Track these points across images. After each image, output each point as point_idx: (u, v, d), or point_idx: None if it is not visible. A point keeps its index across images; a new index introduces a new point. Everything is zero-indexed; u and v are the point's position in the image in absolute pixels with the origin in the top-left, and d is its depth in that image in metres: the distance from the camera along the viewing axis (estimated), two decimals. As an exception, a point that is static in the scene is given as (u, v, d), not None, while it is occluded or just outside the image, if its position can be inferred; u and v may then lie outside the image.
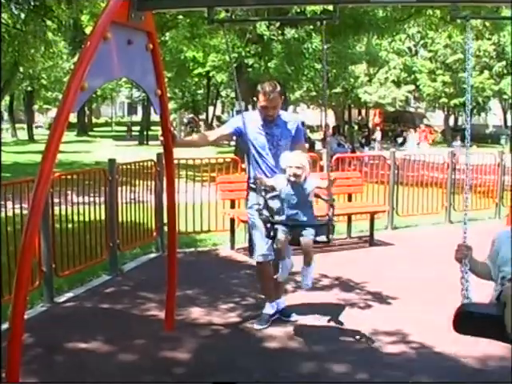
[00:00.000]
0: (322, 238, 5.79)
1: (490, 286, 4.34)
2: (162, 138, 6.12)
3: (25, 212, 6.61)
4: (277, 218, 6.00)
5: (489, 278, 4.23)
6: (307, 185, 5.79)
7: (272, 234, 5.84)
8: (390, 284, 8.28)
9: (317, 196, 6.11)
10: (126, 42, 5.07)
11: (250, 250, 7.02)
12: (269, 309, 6.82)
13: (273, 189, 5.98)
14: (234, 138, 6.88)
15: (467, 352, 5.93)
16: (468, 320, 4.07)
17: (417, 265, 9.46)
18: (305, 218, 5.80)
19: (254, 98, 6.84)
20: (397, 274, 8.93)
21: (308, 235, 5.71)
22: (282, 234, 5.75)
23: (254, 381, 5.49)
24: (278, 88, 6.49)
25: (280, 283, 6.82)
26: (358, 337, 6.49)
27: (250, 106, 20.94)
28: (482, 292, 4.33)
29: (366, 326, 6.75)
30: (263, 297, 7.05)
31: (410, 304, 7.57)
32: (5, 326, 6.00)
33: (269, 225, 5.87)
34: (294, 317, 6.93)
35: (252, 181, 6.51)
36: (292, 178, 5.74)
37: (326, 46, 7.01)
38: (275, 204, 6.04)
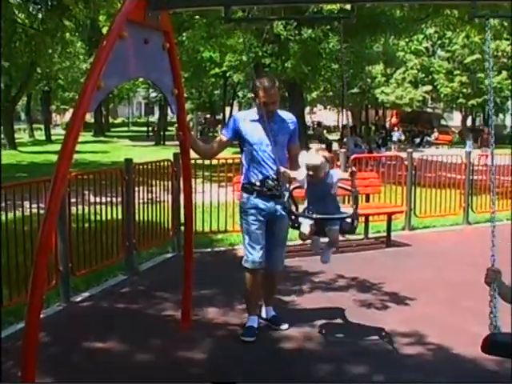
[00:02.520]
0: (347, 228, 5.79)
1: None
2: (180, 133, 6.07)
3: (42, 212, 6.61)
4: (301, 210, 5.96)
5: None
6: (329, 178, 5.71)
7: (296, 225, 5.81)
8: (406, 285, 8.24)
9: (341, 188, 6.02)
10: (142, 41, 5.05)
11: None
12: (252, 322, 6.57)
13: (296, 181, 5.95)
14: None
15: (485, 355, 5.86)
16: (496, 348, 3.79)
17: (434, 266, 9.40)
18: (329, 212, 5.73)
19: (252, 95, 6.68)
20: (414, 274, 8.88)
21: (333, 226, 5.70)
22: (306, 227, 5.72)
23: (263, 380, 5.47)
24: (277, 83, 6.37)
25: (271, 291, 6.81)
26: (374, 338, 6.46)
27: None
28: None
29: (383, 326, 6.71)
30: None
31: (428, 305, 7.52)
32: (21, 325, 6.01)
33: (293, 216, 5.84)
34: (285, 326, 6.69)
35: (246, 181, 6.41)
36: (309, 178, 5.67)
37: (343, 46, 6.95)
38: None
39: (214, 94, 59.36)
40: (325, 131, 51.14)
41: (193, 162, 6.83)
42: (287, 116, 6.58)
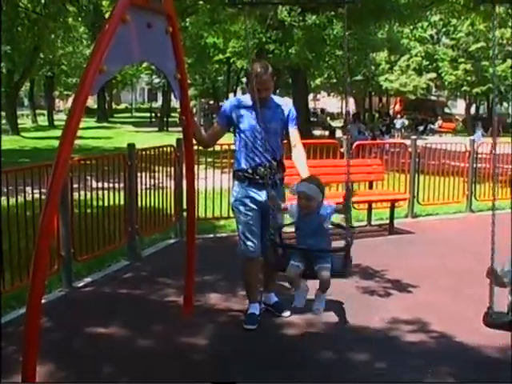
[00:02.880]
0: (339, 268, 5.51)
1: None
2: (183, 117, 6.02)
3: (44, 197, 6.60)
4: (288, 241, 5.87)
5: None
6: (323, 210, 5.51)
7: (283, 265, 5.55)
8: (409, 272, 8.22)
9: (334, 225, 5.89)
10: (145, 25, 5.01)
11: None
12: (253, 309, 6.51)
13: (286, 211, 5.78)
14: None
15: (488, 342, 5.86)
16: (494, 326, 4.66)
17: (437, 253, 9.38)
18: (320, 248, 5.52)
19: (244, 79, 6.59)
20: (416, 262, 8.86)
21: (324, 264, 5.42)
22: (293, 264, 5.45)
23: (270, 369, 5.46)
24: (270, 69, 6.23)
25: (273, 277, 6.70)
26: (377, 325, 6.44)
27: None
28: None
29: (386, 314, 6.70)
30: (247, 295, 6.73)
31: (430, 292, 7.50)
32: (23, 310, 6.00)
33: (280, 251, 5.65)
34: (287, 313, 6.59)
35: (238, 168, 6.29)
36: (301, 209, 5.51)
37: (347, 33, 6.87)
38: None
39: (217, 80, 59.23)
40: (328, 118, 51.03)
41: (196, 147, 6.78)
42: (282, 102, 6.45)
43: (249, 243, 6.25)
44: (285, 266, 5.51)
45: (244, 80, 59.29)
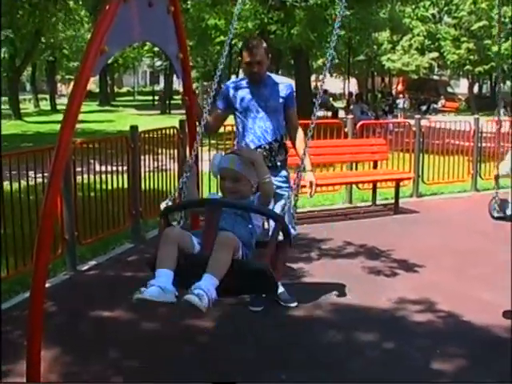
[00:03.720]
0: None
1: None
2: (186, 98, 5.94)
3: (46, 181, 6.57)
4: None
5: None
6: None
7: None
8: (415, 252, 8.18)
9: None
10: (146, 4, 4.93)
11: None
12: None
13: None
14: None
15: (495, 321, 5.83)
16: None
17: (442, 233, 9.36)
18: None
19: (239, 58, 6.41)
20: (422, 241, 8.82)
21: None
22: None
23: (275, 351, 5.44)
24: (264, 44, 6.02)
25: (278, 266, 6.52)
26: (384, 305, 6.41)
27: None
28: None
29: (393, 294, 6.67)
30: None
31: (437, 272, 7.47)
32: (28, 294, 5.97)
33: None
34: (294, 304, 6.40)
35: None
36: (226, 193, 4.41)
37: (349, 13, 6.77)
38: None
39: (219, 62, 59.07)
40: (331, 98, 50.86)
41: (198, 129, 6.71)
42: (281, 80, 6.25)
43: None
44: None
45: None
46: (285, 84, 6.18)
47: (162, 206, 4.56)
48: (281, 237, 4.21)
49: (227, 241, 3.79)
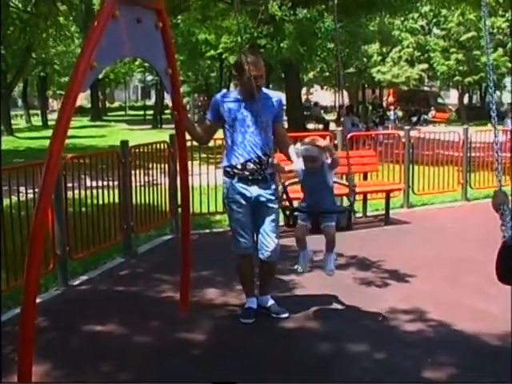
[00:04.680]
0: (343, 224, 5.89)
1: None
2: (175, 113, 5.97)
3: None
4: (296, 204, 6.01)
5: None
6: (325, 170, 5.78)
7: (291, 222, 5.93)
8: (406, 262, 8.21)
9: (337, 183, 6.14)
10: (135, 20, 4.99)
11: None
12: (250, 303, 6.45)
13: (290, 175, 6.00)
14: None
15: (487, 329, 5.86)
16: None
17: (433, 242, 9.39)
18: (325, 205, 5.84)
19: (234, 72, 6.39)
20: (413, 252, 8.86)
21: (329, 223, 5.80)
22: (301, 222, 5.81)
23: (268, 362, 5.46)
24: (261, 59, 6.19)
25: (267, 279, 6.51)
26: (375, 316, 6.43)
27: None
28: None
29: (384, 304, 6.69)
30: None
31: (428, 282, 7.50)
32: (19, 309, 5.98)
33: (288, 212, 5.92)
34: (285, 314, 6.41)
35: (227, 164, 6.17)
36: (308, 170, 5.80)
37: (338, 25, 6.83)
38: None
39: (210, 76, 59.11)
40: (322, 111, 51.01)
41: (189, 144, 6.76)
42: (271, 95, 6.31)
43: (241, 239, 6.20)
44: (294, 223, 5.99)
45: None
46: (275, 99, 6.23)
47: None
48: None
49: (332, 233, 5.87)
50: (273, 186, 6.15)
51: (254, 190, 6.06)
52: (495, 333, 5.80)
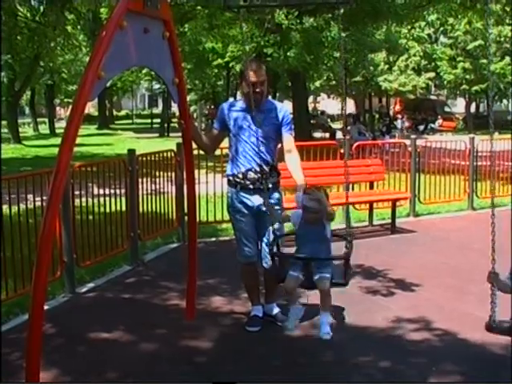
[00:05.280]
0: (339, 277, 5.41)
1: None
2: (182, 122, 6.01)
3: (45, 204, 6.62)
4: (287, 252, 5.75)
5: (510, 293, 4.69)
6: (325, 222, 5.43)
7: (282, 276, 5.44)
8: (412, 271, 8.23)
9: (335, 235, 5.75)
10: (142, 30, 5.03)
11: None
12: (256, 311, 6.49)
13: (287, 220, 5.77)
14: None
15: (492, 339, 5.86)
16: (496, 332, 4.76)
17: (439, 252, 9.40)
18: (321, 257, 5.40)
19: (239, 81, 6.37)
20: (419, 261, 8.87)
21: (324, 274, 5.31)
22: (292, 273, 5.36)
23: (272, 370, 5.47)
24: (264, 67, 6.14)
25: (272, 287, 6.46)
26: (380, 324, 6.44)
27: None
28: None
29: (389, 313, 6.71)
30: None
31: (433, 291, 7.52)
32: (26, 316, 6.02)
33: (278, 262, 5.55)
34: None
35: (230, 173, 6.22)
36: (307, 222, 5.40)
37: (344, 34, 6.84)
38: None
39: (217, 84, 59.13)
40: (328, 119, 51.02)
41: (196, 152, 6.79)
42: (276, 106, 6.31)
43: (246, 248, 6.25)
44: (284, 276, 5.41)
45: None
46: (280, 110, 6.23)
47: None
48: None
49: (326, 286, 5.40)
50: (276, 195, 6.17)
51: (255, 200, 6.08)
52: (500, 342, 5.78)
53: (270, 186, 6.07)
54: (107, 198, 8.84)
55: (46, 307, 4.59)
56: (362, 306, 6.99)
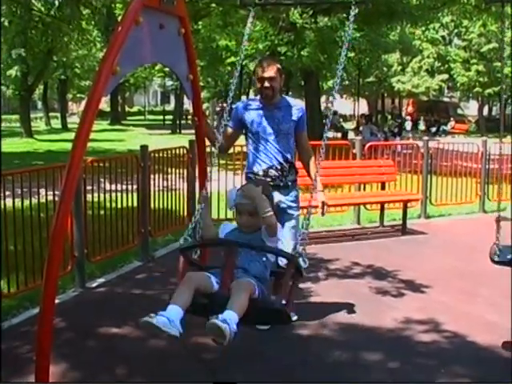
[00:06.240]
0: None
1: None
2: (196, 119, 6.00)
3: (57, 199, 6.63)
4: None
5: None
6: (263, 236, 4.42)
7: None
8: (422, 273, 8.22)
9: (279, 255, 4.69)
10: (157, 26, 5.02)
11: None
12: None
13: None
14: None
15: (500, 342, 5.86)
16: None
17: (450, 254, 9.38)
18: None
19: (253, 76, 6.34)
20: (429, 262, 8.86)
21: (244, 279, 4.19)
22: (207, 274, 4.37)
23: (282, 369, 5.47)
24: (278, 64, 6.10)
25: (290, 300, 6.43)
26: (390, 325, 6.44)
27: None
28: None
29: (399, 314, 6.70)
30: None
31: (443, 293, 7.50)
32: (36, 310, 6.05)
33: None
34: (294, 317, 6.21)
35: (249, 171, 6.21)
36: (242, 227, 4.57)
37: (358, 35, 6.83)
38: None
39: (230, 82, 59.20)
40: (341, 119, 50.97)
41: (208, 149, 6.78)
42: (294, 103, 6.29)
43: None
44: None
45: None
46: (297, 107, 6.22)
47: (181, 241, 4.67)
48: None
49: (245, 286, 4.09)
50: (294, 193, 6.17)
51: (275, 196, 6.07)
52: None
53: (290, 183, 6.10)
54: (119, 194, 8.85)
55: (56, 301, 4.59)
56: (372, 307, 6.99)
